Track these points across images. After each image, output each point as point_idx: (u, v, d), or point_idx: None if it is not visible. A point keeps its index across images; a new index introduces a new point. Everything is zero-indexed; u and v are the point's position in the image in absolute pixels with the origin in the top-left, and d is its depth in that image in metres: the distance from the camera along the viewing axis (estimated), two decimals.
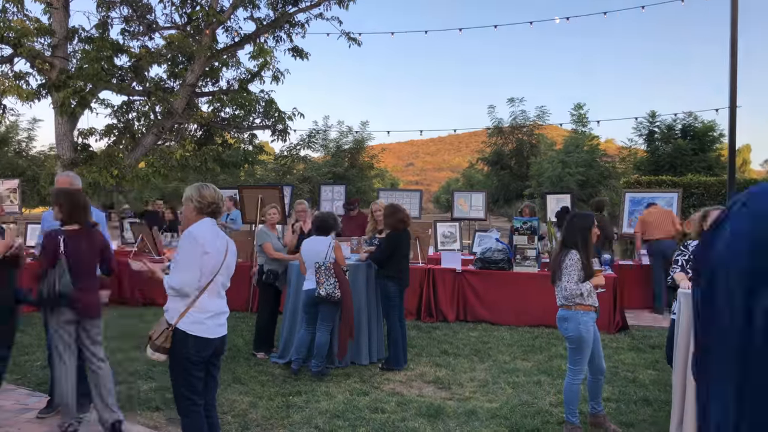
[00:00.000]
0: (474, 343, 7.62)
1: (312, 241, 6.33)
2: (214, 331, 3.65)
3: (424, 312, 8.97)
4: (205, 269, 3.58)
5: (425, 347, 7.39)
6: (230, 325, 8.30)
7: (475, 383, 6.01)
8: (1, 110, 12.55)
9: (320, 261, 6.10)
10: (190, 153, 12.67)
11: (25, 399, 5.39)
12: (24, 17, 12.00)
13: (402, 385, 5.94)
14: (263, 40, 13.61)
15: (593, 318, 4.65)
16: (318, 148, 28.29)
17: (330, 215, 6.53)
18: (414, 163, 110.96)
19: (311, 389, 5.72)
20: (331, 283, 6.02)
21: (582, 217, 4.76)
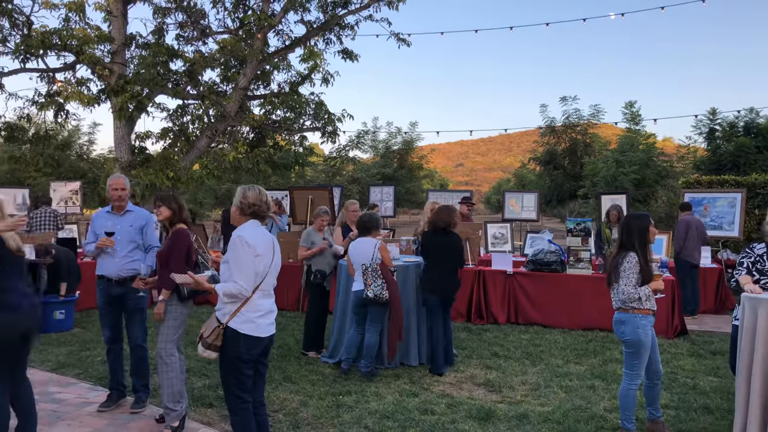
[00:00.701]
0: (525, 346, 7.48)
1: (359, 243, 6.33)
2: (264, 330, 3.69)
3: (474, 314, 8.87)
4: (258, 270, 3.62)
5: (475, 349, 7.30)
6: (281, 325, 8.42)
7: (527, 386, 5.90)
8: (64, 115, 13.06)
9: (367, 262, 6.09)
10: (242, 155, 12.92)
11: (86, 393, 5.57)
12: (85, 26, 12.46)
13: (452, 387, 5.88)
14: (313, 42, 13.75)
15: (651, 322, 4.49)
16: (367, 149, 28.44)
17: (372, 216, 6.51)
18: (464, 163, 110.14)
19: (361, 389, 5.72)
20: (379, 285, 6.01)
21: (638, 218, 4.61)
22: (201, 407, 5.18)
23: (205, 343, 3.66)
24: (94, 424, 4.79)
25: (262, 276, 3.67)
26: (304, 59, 13.26)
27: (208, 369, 6.27)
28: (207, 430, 4.72)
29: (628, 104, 22.55)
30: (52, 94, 12.91)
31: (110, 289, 5.11)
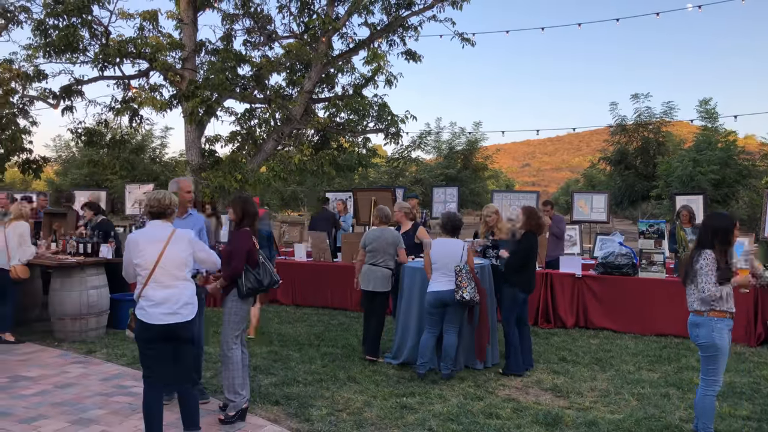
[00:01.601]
0: (595, 351, 7.24)
1: (444, 243, 6.21)
2: (154, 318, 4.12)
3: (541, 317, 8.66)
4: (138, 263, 4.20)
5: (542, 353, 7.12)
6: (344, 325, 8.48)
7: (596, 393, 5.69)
8: (138, 120, 13.61)
9: (459, 264, 6.00)
10: (307, 157, 13.09)
11: None
12: (158, 34, 12.95)
13: (518, 392, 5.75)
14: (377, 44, 13.80)
15: (728, 325, 4.25)
16: (430, 150, 28.28)
17: (457, 216, 6.42)
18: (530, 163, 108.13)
19: (425, 391, 5.67)
20: (473, 287, 5.94)
21: (719, 218, 4.37)
22: (267, 404, 5.26)
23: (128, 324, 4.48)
24: (166, 417, 4.92)
25: (146, 269, 4.13)
26: (367, 61, 13.33)
27: (275, 367, 6.37)
28: (273, 427, 4.78)
29: (703, 102, 21.52)
30: (127, 100, 13.48)
31: None
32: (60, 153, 28.99)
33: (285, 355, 6.88)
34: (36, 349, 7.17)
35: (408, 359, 6.58)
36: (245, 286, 4.83)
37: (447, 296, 6.00)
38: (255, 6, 13.61)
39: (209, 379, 5.95)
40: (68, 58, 12.97)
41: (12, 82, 13.08)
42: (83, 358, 6.79)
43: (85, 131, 14.16)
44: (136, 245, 4.15)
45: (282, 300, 10.19)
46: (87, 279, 7.62)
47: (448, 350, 6.06)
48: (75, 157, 27.70)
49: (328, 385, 5.83)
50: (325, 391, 5.63)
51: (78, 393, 5.54)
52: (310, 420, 4.90)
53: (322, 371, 6.27)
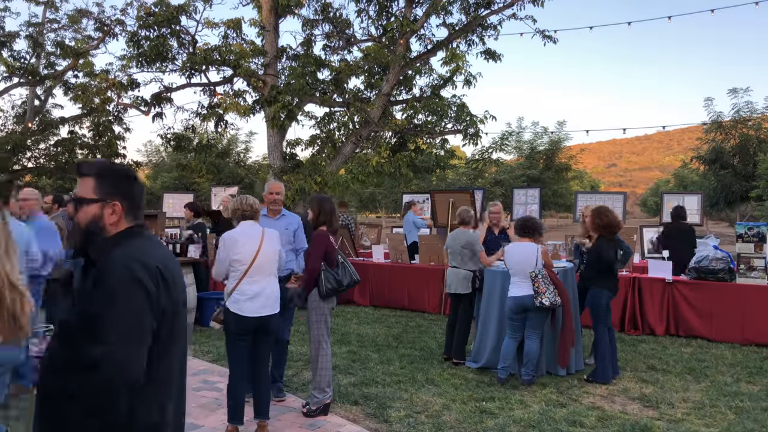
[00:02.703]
0: (687, 360, 6.85)
1: (517, 247, 6.10)
2: (248, 311, 4.37)
3: (628, 324, 8.30)
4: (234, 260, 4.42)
5: (630, 361, 6.81)
6: (422, 327, 8.43)
7: (689, 404, 5.38)
8: (223, 125, 14.11)
9: (534, 269, 5.85)
10: (385, 159, 13.14)
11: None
12: (242, 41, 13.38)
13: (603, 400, 5.52)
14: (455, 45, 13.69)
15: None
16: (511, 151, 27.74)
17: (532, 219, 6.26)
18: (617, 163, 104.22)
19: (505, 396, 5.54)
20: (552, 291, 5.78)
21: None
22: (346, 404, 5.29)
23: (213, 317, 4.54)
24: (248, 413, 5.05)
25: (243, 266, 4.37)
26: (446, 62, 13.24)
27: (353, 367, 6.41)
28: (352, 427, 4.80)
29: None
30: (213, 106, 14.00)
31: None
32: (151, 157, 30.51)
33: (364, 356, 6.91)
34: None
35: (487, 363, 6.46)
36: (325, 287, 4.91)
37: (527, 302, 5.85)
38: (334, 11, 13.82)
39: (290, 377, 6.06)
40: (158, 67, 13.63)
41: (108, 91, 13.86)
42: None
43: (174, 136, 14.82)
44: (235, 243, 4.40)
45: (360, 301, 10.27)
46: None
47: (530, 356, 5.91)
48: (165, 161, 29.07)
49: (406, 386, 5.80)
50: (403, 392, 5.61)
51: None
52: (389, 421, 4.89)
53: (401, 373, 6.25)
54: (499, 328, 6.46)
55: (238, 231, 4.47)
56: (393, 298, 10.04)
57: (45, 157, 17.15)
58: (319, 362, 5.02)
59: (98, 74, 14.62)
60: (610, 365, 6.06)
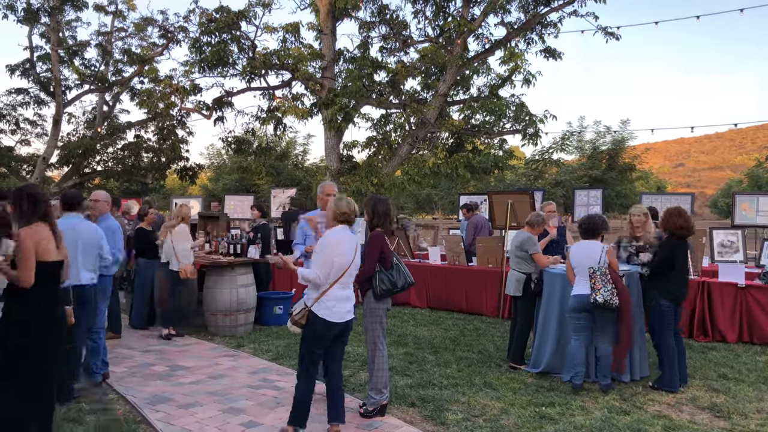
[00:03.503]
0: (762, 369, 6.50)
1: (583, 246, 5.96)
2: (339, 316, 4.35)
3: (696, 330, 7.94)
4: (336, 266, 4.32)
5: (699, 369, 6.52)
6: (480, 330, 8.30)
7: (764, 415, 5.09)
8: (282, 128, 14.33)
9: (594, 266, 5.72)
10: (441, 160, 13.06)
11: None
12: (300, 45, 13.57)
13: (670, 408, 5.29)
14: (514, 44, 13.49)
15: None
16: (572, 151, 27.04)
17: (599, 217, 6.11)
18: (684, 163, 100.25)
19: (565, 402, 5.39)
20: (608, 290, 5.60)
21: None
22: (403, 405, 5.26)
23: (292, 320, 4.34)
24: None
25: (341, 270, 4.32)
26: (504, 61, 13.07)
27: (410, 369, 6.37)
28: (409, 428, 4.76)
29: None
30: (272, 110, 14.26)
31: None
32: (212, 160, 31.31)
33: (420, 358, 6.87)
34: (192, 342, 7.75)
35: (547, 368, 6.30)
36: (379, 288, 4.90)
37: (586, 300, 5.70)
38: (391, 13, 13.85)
39: (347, 378, 6.08)
40: (219, 72, 13.98)
41: (172, 97, 14.31)
42: (233, 351, 7.22)
43: (235, 140, 15.17)
44: (341, 244, 4.38)
45: (416, 303, 10.22)
46: (237, 278, 8.11)
47: (604, 360, 5.71)
48: (226, 163, 29.77)
49: (464, 389, 5.72)
50: (460, 395, 5.54)
51: (228, 384, 5.88)
52: (446, 424, 4.83)
53: (458, 375, 6.18)
54: (559, 332, 6.29)
55: (340, 234, 4.42)
56: (450, 301, 9.95)
57: (113, 160, 17.85)
58: (376, 363, 5.02)
59: (162, 80, 15.12)
60: (678, 372, 5.81)
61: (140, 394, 5.53)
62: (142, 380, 5.99)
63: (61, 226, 5.28)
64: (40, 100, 17.84)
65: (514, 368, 6.45)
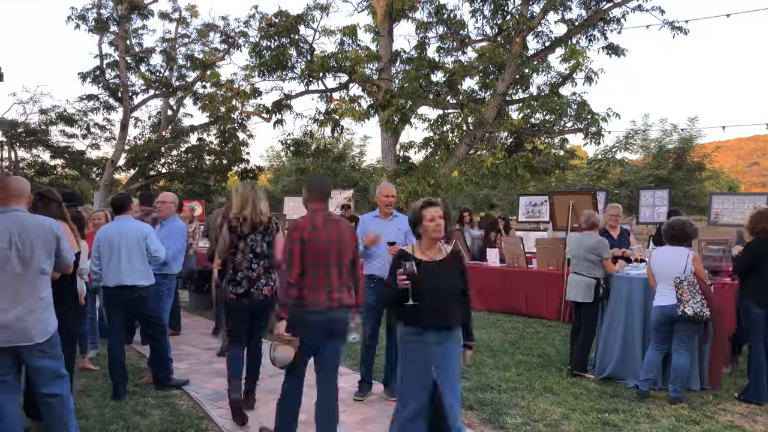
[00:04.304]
0: None
1: (665, 252, 5.63)
2: None
3: None
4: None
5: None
6: (540, 334, 8.12)
7: None
8: (339, 130, 14.45)
9: (680, 275, 5.42)
10: (500, 161, 12.88)
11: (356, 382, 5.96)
12: (357, 47, 13.65)
13: (744, 419, 5.02)
14: (575, 41, 13.18)
15: None
16: (637, 150, 26.20)
17: (689, 223, 5.71)
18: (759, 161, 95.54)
19: (630, 409, 5.20)
20: (698, 301, 5.30)
21: None
22: (461, 408, 5.17)
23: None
24: (366, 412, 5.11)
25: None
26: (564, 59, 12.79)
27: (468, 372, 6.29)
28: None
29: None
30: (329, 112, 14.39)
31: (382, 288, 5.41)
32: (272, 162, 31.91)
33: (479, 361, 6.77)
34: None
35: (611, 374, 6.09)
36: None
37: (672, 311, 5.39)
38: (448, 12, 13.76)
39: None
40: (279, 76, 14.23)
41: (233, 100, 14.65)
42: None
43: (293, 142, 15.40)
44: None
45: (474, 305, 10.09)
46: None
47: (678, 372, 5.41)
48: (285, 165, 30.29)
49: (523, 393, 5.60)
50: (520, 399, 5.42)
51: None
52: (505, 428, 4.73)
53: (517, 379, 6.05)
54: (624, 338, 6.08)
55: None
56: (509, 303, 9.78)
57: (177, 163, 18.41)
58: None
59: (224, 84, 15.51)
60: (766, 384, 5.48)
61: (202, 390, 5.66)
62: (205, 377, 6.12)
63: (108, 227, 5.49)
64: (108, 105, 18.59)
65: (576, 375, 6.26)
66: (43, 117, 18.37)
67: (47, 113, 18.35)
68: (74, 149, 18.75)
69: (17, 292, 3.67)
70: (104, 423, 4.73)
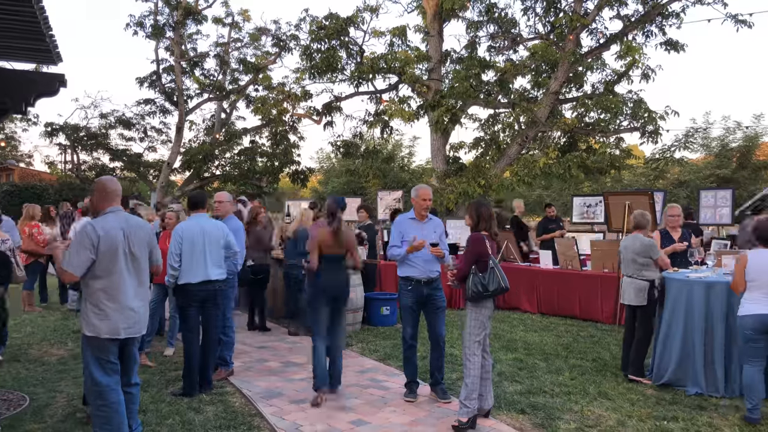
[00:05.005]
0: None
1: (763, 256, 5.19)
2: None
3: None
4: None
5: None
6: (595, 338, 7.91)
7: None
8: (388, 131, 14.46)
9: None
10: (553, 160, 12.63)
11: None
12: (406, 48, 13.64)
13: None
14: (631, 37, 12.83)
15: None
16: (697, 149, 25.28)
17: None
18: None
19: (690, 417, 4.99)
20: None
21: None
22: (512, 412, 5.09)
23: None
24: (416, 413, 5.07)
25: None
26: (620, 56, 12.47)
27: (520, 375, 6.18)
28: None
29: None
30: (378, 113, 14.42)
31: (420, 290, 5.40)
32: (322, 164, 32.24)
33: (531, 364, 6.64)
34: (303, 339, 7.94)
35: (670, 381, 5.88)
36: (470, 290, 4.79)
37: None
38: (499, 11, 13.59)
39: (455, 380, 5.98)
40: (329, 78, 14.34)
41: (284, 103, 14.85)
42: None
43: (343, 143, 15.49)
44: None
45: (527, 308, 9.92)
46: None
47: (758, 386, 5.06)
48: (334, 167, 30.55)
49: (576, 398, 5.46)
50: (573, 404, 5.28)
51: None
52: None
53: (571, 384, 5.90)
54: (683, 343, 5.85)
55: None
56: (562, 306, 9.57)
57: (230, 164, 18.80)
58: (471, 371, 4.77)
59: (275, 87, 15.73)
60: None
61: (255, 388, 5.73)
62: (257, 375, 6.21)
63: (189, 224, 5.63)
64: (164, 109, 19.15)
65: (633, 380, 6.06)
66: (103, 121, 19.07)
67: (107, 117, 19.02)
68: (132, 152, 19.39)
69: (137, 286, 4.04)
70: (161, 417, 4.85)
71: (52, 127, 18.44)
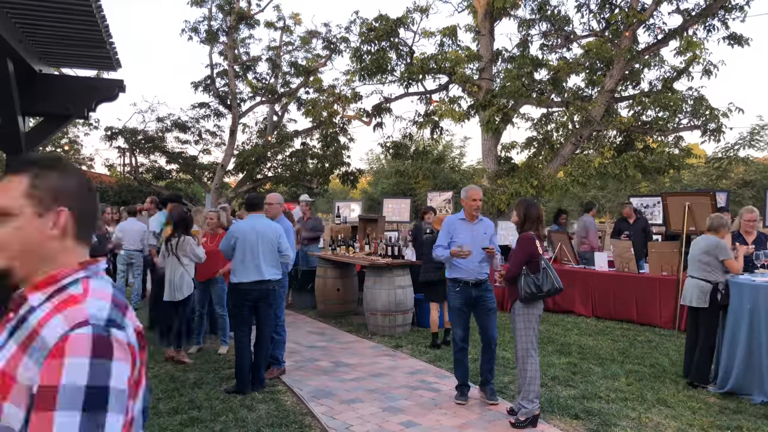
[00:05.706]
0: None
1: None
2: None
3: None
4: None
5: None
6: (653, 343, 7.66)
7: None
8: (438, 132, 14.37)
9: None
10: (608, 160, 12.30)
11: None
12: (457, 47, 13.52)
13: None
14: (691, 32, 12.38)
15: None
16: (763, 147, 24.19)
17: None
18: None
19: (755, 427, 4.77)
20: None
21: None
22: (566, 417, 4.97)
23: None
24: (466, 416, 5.02)
25: None
26: (680, 52, 12.04)
27: (574, 380, 6.03)
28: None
29: None
30: (428, 114, 14.35)
31: (468, 292, 5.34)
32: (372, 165, 32.31)
33: (585, 369, 6.47)
34: (353, 339, 7.97)
35: (734, 389, 5.63)
36: (523, 291, 4.80)
37: None
38: (552, 9, 13.34)
39: (506, 384, 5.89)
40: (379, 79, 14.35)
41: (334, 105, 14.95)
42: (391, 351, 7.31)
43: (393, 144, 15.48)
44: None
45: (581, 311, 9.69)
46: (395, 279, 8.22)
47: None
48: (384, 168, 30.57)
49: (634, 405, 5.29)
50: (630, 411, 5.12)
51: (387, 383, 5.95)
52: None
53: (627, 390, 5.72)
54: (749, 349, 5.59)
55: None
56: (618, 310, 9.31)
57: (282, 166, 19.04)
58: (528, 371, 4.83)
59: (326, 90, 15.85)
60: None
61: (306, 387, 5.77)
62: (308, 374, 6.25)
63: (243, 224, 5.75)
64: (218, 112, 19.55)
65: (695, 387, 5.83)
66: (160, 125, 19.60)
67: (163, 121, 19.55)
68: (187, 154, 19.87)
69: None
70: (215, 414, 4.93)
71: (112, 131, 19.07)
